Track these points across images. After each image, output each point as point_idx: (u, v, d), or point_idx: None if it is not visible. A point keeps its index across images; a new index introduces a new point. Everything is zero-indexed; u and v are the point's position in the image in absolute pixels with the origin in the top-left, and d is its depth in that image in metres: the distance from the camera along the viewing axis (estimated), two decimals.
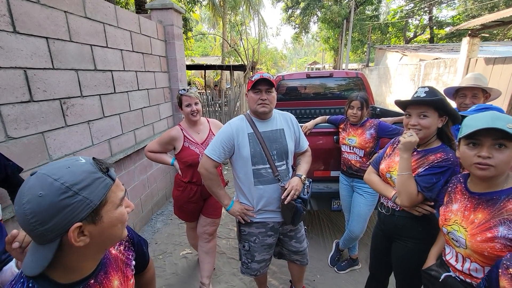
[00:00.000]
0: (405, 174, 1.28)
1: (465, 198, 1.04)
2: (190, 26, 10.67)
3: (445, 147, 1.29)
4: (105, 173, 0.61)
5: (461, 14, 16.92)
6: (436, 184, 1.23)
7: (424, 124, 1.28)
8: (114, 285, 0.73)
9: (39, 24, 1.75)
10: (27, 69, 1.68)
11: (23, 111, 1.66)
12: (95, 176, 0.59)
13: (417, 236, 1.37)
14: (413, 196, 1.26)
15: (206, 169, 1.53)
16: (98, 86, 2.33)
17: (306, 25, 20.70)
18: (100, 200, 0.59)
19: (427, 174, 1.26)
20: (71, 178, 0.55)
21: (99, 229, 0.61)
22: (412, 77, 9.13)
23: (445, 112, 1.28)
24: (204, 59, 19.25)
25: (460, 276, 1.05)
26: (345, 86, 3.80)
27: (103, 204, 0.60)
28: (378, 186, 1.50)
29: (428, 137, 1.32)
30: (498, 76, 4.71)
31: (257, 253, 1.66)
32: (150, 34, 3.20)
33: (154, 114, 3.34)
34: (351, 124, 2.19)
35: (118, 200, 0.64)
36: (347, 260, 2.42)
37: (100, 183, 0.59)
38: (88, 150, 2.22)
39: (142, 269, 0.99)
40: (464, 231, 1.00)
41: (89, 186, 0.57)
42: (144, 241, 0.98)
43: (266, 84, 1.46)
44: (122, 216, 0.66)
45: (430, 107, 1.27)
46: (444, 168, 1.23)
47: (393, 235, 1.47)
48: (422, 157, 1.32)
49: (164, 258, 2.62)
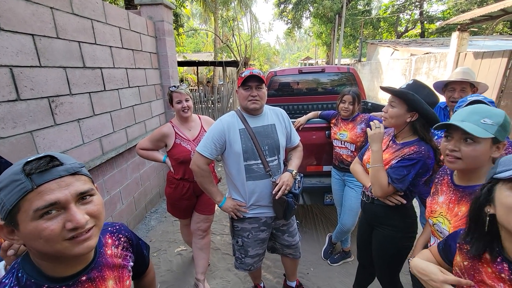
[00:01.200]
0: (376, 166, 1.33)
1: (450, 190, 1.07)
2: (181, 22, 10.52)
3: (420, 141, 1.33)
4: (28, 176, 0.53)
5: (451, 9, 17.10)
6: (406, 176, 1.28)
7: (390, 113, 1.35)
8: (108, 284, 0.72)
9: (24, 21, 1.71)
10: (13, 67, 1.64)
11: (10, 110, 1.63)
12: (14, 178, 0.53)
13: (394, 224, 1.43)
14: (384, 187, 1.31)
15: (198, 166, 1.53)
16: (88, 84, 2.29)
17: (298, 20, 20.63)
18: (11, 205, 0.53)
19: (399, 167, 1.31)
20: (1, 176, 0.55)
21: (22, 236, 0.56)
22: (404, 72, 9.23)
23: (414, 108, 1.31)
24: (196, 56, 19.04)
25: None
26: (337, 81, 3.82)
27: (17, 211, 0.54)
28: (360, 176, 1.57)
29: (397, 128, 1.39)
30: (486, 70, 4.80)
31: (250, 248, 1.68)
32: (140, 30, 3.15)
33: (145, 112, 3.31)
34: (342, 118, 2.21)
35: (31, 211, 0.53)
36: (340, 253, 2.47)
37: (15, 186, 0.53)
38: (79, 149, 2.20)
39: (142, 272, 0.98)
40: (448, 223, 1.03)
41: (6, 187, 0.53)
42: (144, 245, 0.97)
43: (256, 80, 1.46)
44: (40, 232, 0.54)
45: (397, 97, 1.33)
46: (414, 160, 1.27)
47: (373, 222, 1.53)
48: (398, 150, 1.37)
49: (159, 256, 2.62)
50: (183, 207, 2.10)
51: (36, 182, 0.53)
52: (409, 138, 1.37)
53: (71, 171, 0.58)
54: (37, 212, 0.54)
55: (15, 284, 0.59)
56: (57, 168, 0.57)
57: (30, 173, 0.53)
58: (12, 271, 0.61)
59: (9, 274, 0.61)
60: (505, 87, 4.47)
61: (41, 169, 0.54)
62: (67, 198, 0.56)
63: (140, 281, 1.02)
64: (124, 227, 0.87)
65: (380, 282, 1.60)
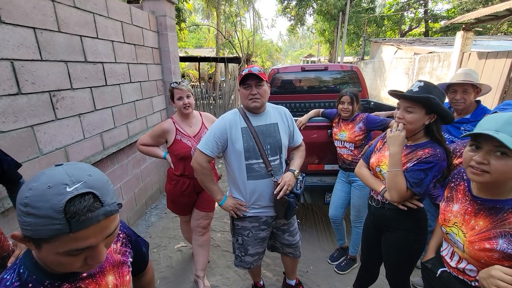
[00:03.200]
0: (394, 170, 1.29)
1: (467, 200, 1.00)
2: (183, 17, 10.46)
3: (433, 143, 1.31)
4: (67, 220, 0.51)
5: (456, 8, 16.94)
6: (424, 180, 1.25)
7: (408, 119, 1.29)
8: (108, 280, 0.73)
9: (25, 14, 1.69)
10: (14, 61, 1.63)
11: (11, 104, 1.62)
12: (52, 214, 0.50)
13: (406, 227, 1.41)
14: (402, 192, 1.28)
15: (199, 163, 1.52)
16: (89, 79, 2.28)
17: (301, 17, 20.47)
18: (38, 236, 0.52)
19: (416, 170, 1.28)
20: (34, 198, 0.50)
21: (39, 255, 0.56)
22: (407, 71, 9.17)
23: (433, 111, 1.28)
24: (198, 51, 18.95)
25: (454, 272, 1.06)
26: (340, 79, 3.79)
27: (43, 241, 0.52)
28: (367, 180, 1.52)
29: (412, 132, 1.33)
30: (490, 71, 4.76)
31: (250, 247, 1.67)
32: (142, 25, 3.13)
33: (147, 107, 3.30)
34: (343, 119, 2.20)
35: (60, 250, 0.53)
36: (347, 260, 2.38)
37: (50, 223, 0.50)
38: (80, 144, 2.19)
39: (141, 269, 0.98)
40: (463, 236, 0.97)
41: (39, 218, 0.50)
42: (144, 242, 0.97)
43: (255, 78, 1.44)
44: (61, 263, 0.56)
45: (417, 103, 1.27)
46: (432, 164, 1.25)
47: (383, 226, 1.51)
48: (411, 152, 1.34)
49: (159, 252, 2.63)
50: (183, 204, 2.09)
51: (74, 228, 0.51)
52: (420, 140, 1.34)
53: (108, 215, 0.56)
54: (69, 252, 0.54)
55: (16, 280, 0.59)
56: (98, 211, 0.54)
57: (71, 218, 0.51)
58: (13, 267, 0.61)
59: (10, 270, 0.61)
60: (508, 88, 4.43)
61: (84, 216, 0.52)
62: (98, 241, 0.56)
63: (139, 279, 1.02)
64: (122, 224, 0.87)
65: (390, 284, 1.59)
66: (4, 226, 1.57)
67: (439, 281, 1.12)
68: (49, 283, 0.61)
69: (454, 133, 1.92)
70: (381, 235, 1.54)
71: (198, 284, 2.12)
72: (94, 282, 0.69)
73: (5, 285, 0.58)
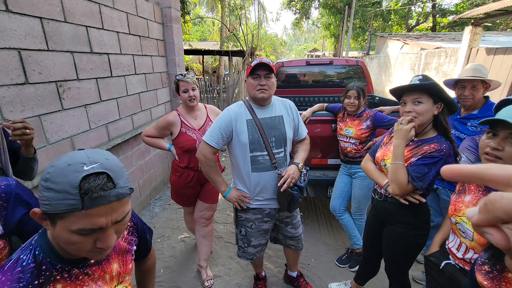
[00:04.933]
0: (396, 163, 1.29)
1: (480, 190, 1.02)
2: (187, 9, 10.38)
3: (440, 138, 1.30)
4: (81, 195, 0.54)
5: (465, 2, 16.58)
6: (427, 175, 1.25)
7: (419, 110, 1.28)
8: (113, 267, 0.75)
9: (32, 3, 1.69)
10: (21, 50, 1.64)
11: (18, 93, 1.64)
12: (68, 189, 0.54)
13: (408, 221, 1.41)
14: (403, 185, 1.27)
15: (204, 155, 1.53)
16: (95, 69, 2.29)
17: (307, 10, 20.19)
18: (54, 211, 0.55)
19: (419, 164, 1.27)
20: (54, 174, 0.55)
21: (53, 232, 0.59)
22: (413, 67, 9.05)
23: (440, 99, 1.27)
24: (202, 44, 18.82)
25: (460, 263, 1.07)
26: (345, 74, 3.77)
27: (58, 217, 0.56)
28: (372, 174, 1.52)
29: (424, 125, 1.32)
30: (498, 67, 4.68)
31: (253, 238, 1.69)
32: (147, 16, 3.11)
33: (151, 99, 3.31)
34: (349, 114, 2.19)
35: (73, 227, 0.56)
36: (355, 258, 2.34)
37: (65, 198, 0.54)
38: (86, 135, 2.21)
39: (143, 256, 1.00)
40: None
41: (57, 192, 0.54)
42: (148, 229, 0.99)
43: (265, 69, 1.44)
44: (72, 242, 0.58)
45: (424, 92, 1.27)
46: (436, 158, 1.24)
47: (385, 220, 1.52)
48: (417, 147, 1.33)
49: (163, 242, 2.67)
50: (187, 195, 2.12)
51: (86, 205, 0.55)
52: (427, 135, 1.33)
53: (120, 197, 0.59)
54: (81, 231, 0.57)
55: (32, 261, 0.61)
56: (110, 191, 0.57)
57: (85, 193, 0.54)
58: (29, 247, 0.64)
59: (26, 251, 0.63)
60: None
61: (96, 193, 0.55)
62: (108, 223, 0.59)
63: (141, 265, 1.04)
64: (131, 212, 0.89)
65: (389, 277, 1.60)
66: None
67: (443, 273, 1.14)
68: (60, 266, 0.64)
69: (460, 128, 1.90)
70: (383, 228, 1.55)
71: (201, 273, 2.16)
72: (100, 269, 0.71)
73: (22, 265, 0.60)
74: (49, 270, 0.62)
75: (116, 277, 0.76)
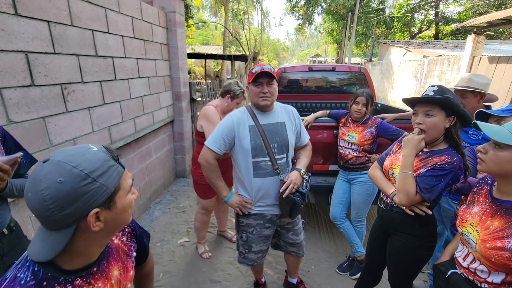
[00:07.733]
0: (405, 172, 1.27)
1: (487, 202, 1.03)
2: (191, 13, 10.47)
3: (451, 150, 1.27)
4: (117, 161, 0.64)
5: (468, 11, 16.68)
6: (436, 186, 1.23)
7: (429, 123, 1.26)
8: (113, 274, 0.74)
9: (40, 7, 1.72)
10: (28, 53, 1.66)
11: (24, 95, 1.65)
12: (110, 163, 0.61)
13: (413, 232, 1.39)
14: (411, 195, 1.25)
15: (206, 160, 1.54)
16: (99, 72, 2.31)
17: (310, 16, 20.37)
18: (114, 186, 0.61)
19: (428, 176, 1.25)
20: (89, 166, 0.57)
21: (112, 215, 0.64)
22: (415, 74, 9.07)
23: (453, 112, 1.26)
24: (205, 48, 18.95)
25: (464, 273, 1.07)
26: (347, 80, 3.78)
27: (117, 191, 0.63)
28: (379, 182, 1.50)
29: (435, 138, 1.30)
30: (501, 75, 4.69)
31: (254, 244, 1.69)
32: (151, 20, 3.15)
33: (154, 103, 3.33)
34: (353, 120, 2.19)
35: (128, 187, 0.67)
36: (357, 265, 2.32)
37: (113, 170, 0.62)
38: (88, 137, 2.22)
39: (141, 261, 1.00)
40: (476, 235, 0.99)
41: (105, 173, 0.59)
42: (146, 234, 0.98)
43: (266, 76, 1.45)
44: (131, 202, 0.69)
45: (436, 105, 1.25)
46: (446, 171, 1.22)
47: (390, 229, 1.49)
48: (427, 158, 1.31)
49: (162, 246, 2.66)
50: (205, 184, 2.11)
51: (123, 165, 0.66)
52: (438, 146, 1.31)
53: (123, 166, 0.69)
54: (131, 187, 0.68)
55: (31, 278, 0.59)
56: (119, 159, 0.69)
57: (116, 159, 0.64)
58: (26, 264, 0.61)
59: (23, 268, 0.60)
60: None
61: (119, 156, 0.66)
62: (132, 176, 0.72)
63: (140, 270, 1.03)
64: None
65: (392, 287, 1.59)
66: None
67: (448, 282, 1.13)
68: (63, 279, 0.61)
69: (462, 137, 1.90)
70: (387, 238, 1.53)
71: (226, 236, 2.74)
72: (103, 277, 0.70)
73: (20, 284, 0.57)
74: (51, 285, 0.60)
75: (116, 284, 0.75)
